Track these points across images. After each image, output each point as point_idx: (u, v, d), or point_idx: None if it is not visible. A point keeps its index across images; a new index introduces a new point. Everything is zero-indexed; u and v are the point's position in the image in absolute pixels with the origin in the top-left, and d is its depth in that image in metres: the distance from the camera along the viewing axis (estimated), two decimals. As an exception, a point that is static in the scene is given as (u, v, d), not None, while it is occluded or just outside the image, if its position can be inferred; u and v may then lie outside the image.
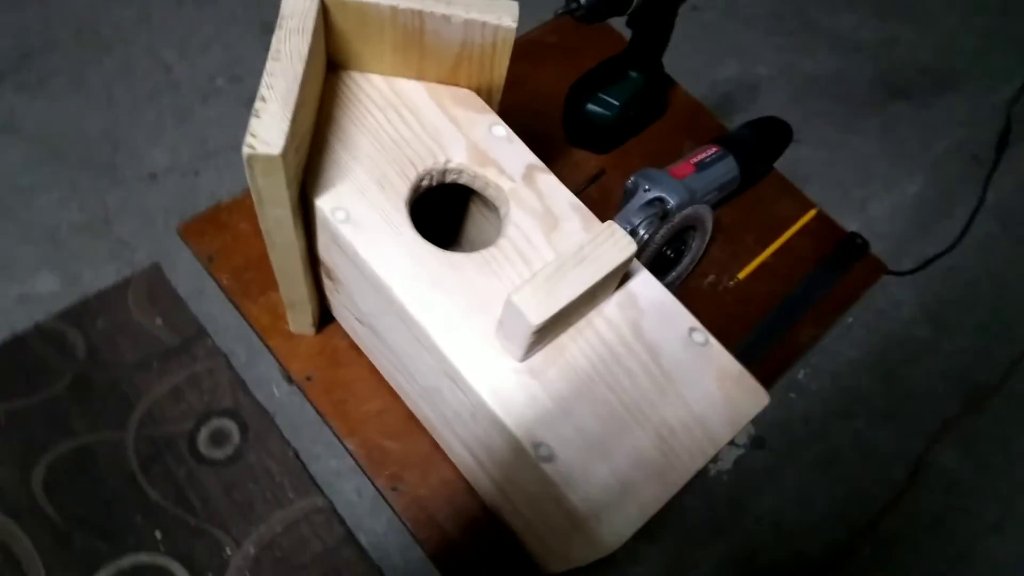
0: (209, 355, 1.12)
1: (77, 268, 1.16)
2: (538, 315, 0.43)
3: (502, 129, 0.55)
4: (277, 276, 0.58)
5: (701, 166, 0.75)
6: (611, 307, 0.50)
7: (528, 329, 0.43)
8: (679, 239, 0.72)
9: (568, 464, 0.45)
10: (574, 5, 0.61)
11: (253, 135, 0.43)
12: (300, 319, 0.66)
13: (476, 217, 0.64)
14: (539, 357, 0.48)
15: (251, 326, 0.70)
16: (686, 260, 0.74)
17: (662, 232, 0.67)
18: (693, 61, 1.58)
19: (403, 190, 0.51)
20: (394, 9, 0.50)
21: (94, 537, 0.99)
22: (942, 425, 1.24)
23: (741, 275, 0.77)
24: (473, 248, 0.51)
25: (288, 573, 1.00)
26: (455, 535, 0.62)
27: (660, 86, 0.83)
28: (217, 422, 1.08)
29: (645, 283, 0.51)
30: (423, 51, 0.53)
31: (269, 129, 0.43)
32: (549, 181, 0.54)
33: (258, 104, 0.44)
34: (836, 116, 1.58)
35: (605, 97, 0.78)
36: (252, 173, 0.44)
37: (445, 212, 0.65)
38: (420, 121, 0.54)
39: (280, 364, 0.69)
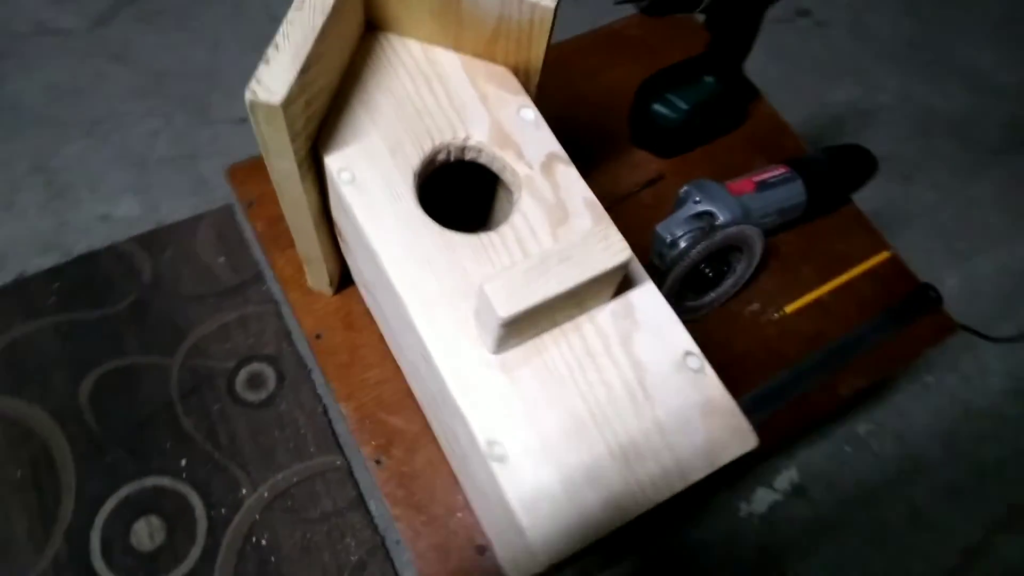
0: (262, 300, 1.15)
1: (158, 198, 1.22)
2: (507, 309, 0.40)
3: (531, 113, 0.52)
4: (291, 230, 0.58)
5: (763, 186, 0.70)
6: (604, 314, 0.47)
7: (496, 321, 0.41)
8: (721, 259, 0.67)
9: (519, 468, 0.43)
10: (638, -3, 0.57)
11: (258, 81, 0.43)
12: (316, 276, 0.65)
13: (502, 201, 0.62)
14: (515, 353, 0.45)
15: (276, 276, 0.71)
16: (728, 283, 0.69)
17: (699, 248, 0.62)
18: (807, 78, 1.49)
19: (415, 161, 0.50)
20: (431, -23, 0.48)
21: (125, 453, 1.04)
22: (1009, 511, 1.13)
23: (789, 308, 0.72)
24: (496, 234, 0.49)
25: (295, 523, 1.01)
26: (429, 520, 0.61)
27: (739, 96, 0.78)
28: (257, 366, 1.11)
29: (647, 296, 0.48)
30: (460, 20, 0.51)
31: (275, 78, 0.43)
32: (568, 173, 0.51)
33: (270, 51, 0.44)
34: (956, 159, 1.45)
35: (673, 99, 0.74)
36: (255, 120, 0.44)
37: (477, 194, 0.63)
38: (448, 93, 0.52)
39: (295, 318, 0.69)
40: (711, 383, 0.46)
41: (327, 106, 0.50)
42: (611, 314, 0.47)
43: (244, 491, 1.03)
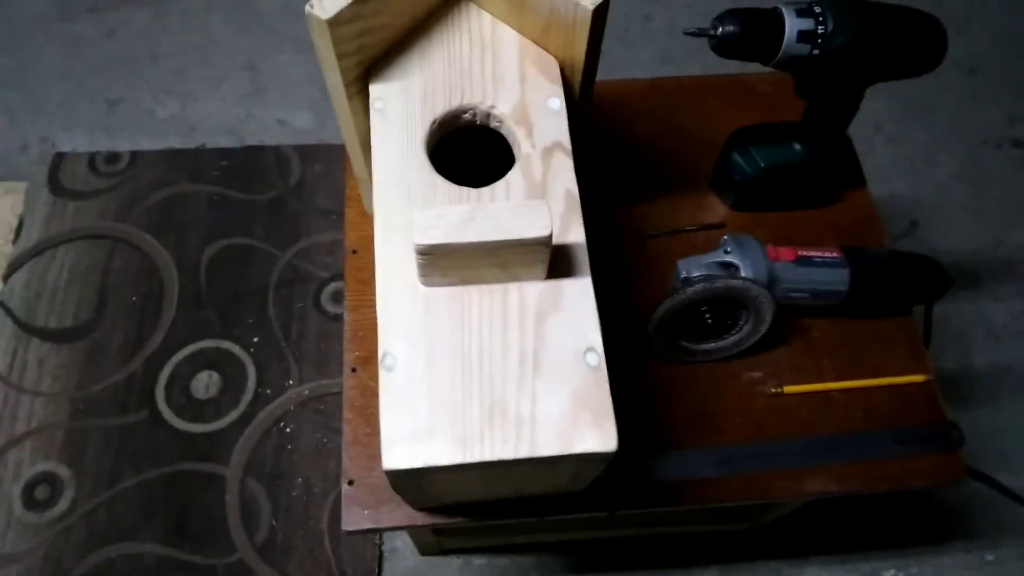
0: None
1: (328, 120, 1.38)
2: (423, 237, 0.45)
3: (558, 103, 0.57)
4: (347, 149, 0.67)
5: (804, 260, 0.69)
6: (533, 288, 0.50)
7: (415, 247, 0.46)
8: (727, 312, 0.67)
9: (397, 385, 0.48)
10: (710, 32, 0.59)
11: (320, -2, 0.51)
12: (367, 198, 0.74)
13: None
14: (441, 291, 0.50)
15: (347, 195, 0.80)
16: (731, 339, 0.69)
17: (695, 288, 0.63)
18: (994, 208, 1.36)
19: (440, 110, 0.56)
20: (501, -46, 0.54)
21: (216, 315, 1.19)
22: None
23: (789, 389, 0.70)
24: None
25: (319, 426, 1.12)
26: (372, 433, 0.67)
27: (830, 173, 0.77)
28: (342, 285, 1.22)
29: (580, 289, 0.51)
30: (524, 5, 0.56)
31: (332, -1, 0.51)
32: (564, 163, 0.55)
33: (340, -23, 0.52)
34: None
35: (755, 153, 0.74)
36: (311, 29, 0.52)
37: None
38: (495, 64, 0.58)
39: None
40: (599, 381, 0.48)
41: (388, 43, 0.58)
42: (539, 291, 0.50)
43: (291, 382, 1.15)
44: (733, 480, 0.67)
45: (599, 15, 0.52)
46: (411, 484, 0.54)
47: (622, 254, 0.76)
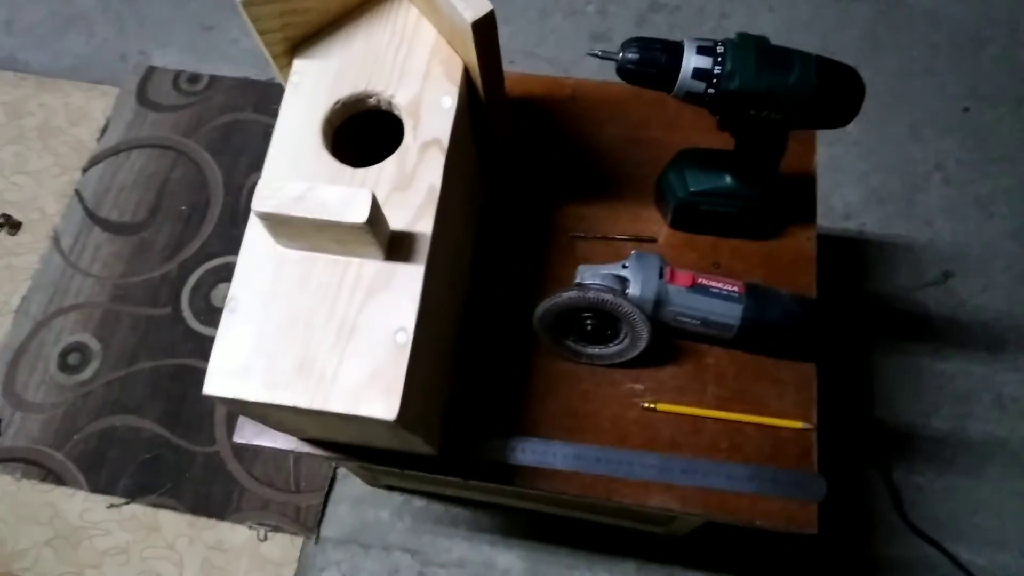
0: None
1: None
2: (258, 204, 0.52)
3: (449, 101, 0.62)
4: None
5: (699, 288, 0.71)
6: (372, 266, 0.57)
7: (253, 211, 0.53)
8: (607, 322, 0.70)
9: (232, 325, 0.56)
10: (613, 55, 0.62)
11: (241, -20, 0.58)
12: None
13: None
14: (294, 254, 0.57)
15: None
16: (612, 349, 0.72)
17: (566, 296, 0.67)
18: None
19: (345, 92, 0.62)
20: (411, -41, 0.59)
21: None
22: None
23: (661, 406, 0.73)
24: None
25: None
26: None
27: (764, 208, 0.77)
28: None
29: (411, 274, 0.56)
30: (438, 10, 0.61)
31: (251, -18, 0.58)
32: (436, 159, 0.60)
33: (264, -36, 0.59)
34: None
35: (686, 176, 0.76)
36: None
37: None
38: (407, 58, 0.64)
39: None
40: (400, 358, 0.54)
41: (318, 25, 0.64)
42: (376, 270, 0.57)
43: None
44: (583, 477, 0.71)
45: (480, 29, 0.57)
46: (244, 411, 0.62)
47: (546, 249, 0.80)
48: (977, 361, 1.22)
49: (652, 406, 0.73)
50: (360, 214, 0.51)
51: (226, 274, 1.29)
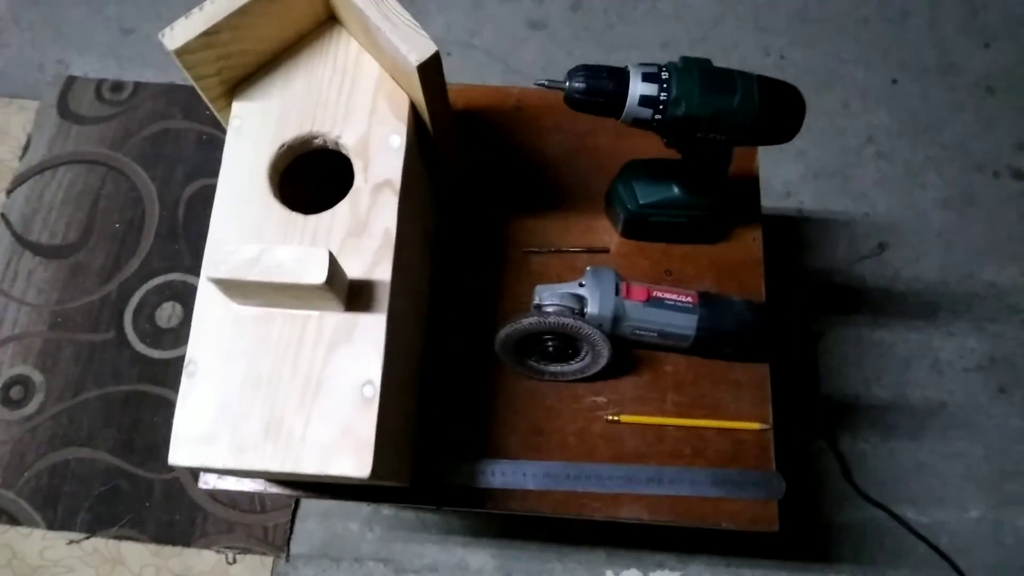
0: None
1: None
2: (211, 271, 0.51)
3: (398, 140, 0.61)
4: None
5: (655, 301, 0.72)
6: (333, 319, 0.56)
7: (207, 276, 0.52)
8: (569, 343, 0.71)
9: (193, 391, 0.55)
10: (560, 84, 0.62)
11: (171, 27, 0.56)
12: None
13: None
14: (251, 311, 0.56)
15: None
16: (574, 366, 0.74)
17: (530, 320, 0.67)
18: (977, 244, 1.32)
19: (289, 135, 0.61)
20: (349, 1, 0.57)
21: (188, 249, 1.28)
22: None
23: (624, 418, 0.75)
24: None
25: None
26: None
27: (712, 216, 0.78)
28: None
29: (373, 325, 0.56)
30: (376, 44, 0.60)
31: (182, 31, 0.56)
32: (389, 201, 0.59)
33: (195, 9, 0.56)
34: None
35: (635, 188, 0.76)
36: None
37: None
38: (350, 94, 0.62)
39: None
40: (368, 413, 0.54)
41: (254, 65, 0.62)
42: (337, 322, 0.56)
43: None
44: (553, 494, 0.73)
45: (426, 70, 0.56)
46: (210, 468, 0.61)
47: (501, 266, 0.80)
48: (914, 328, 1.28)
49: (616, 418, 0.75)
50: (319, 274, 0.51)
51: (169, 292, 1.26)
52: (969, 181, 1.38)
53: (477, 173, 0.84)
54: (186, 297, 1.25)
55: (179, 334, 1.23)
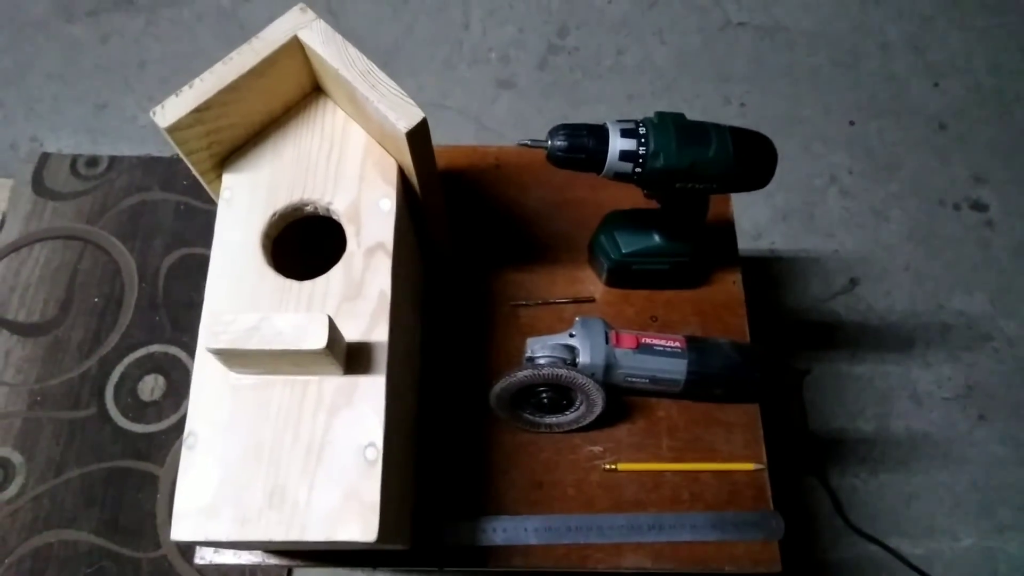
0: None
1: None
2: (210, 341, 0.51)
3: (388, 204, 0.62)
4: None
5: (645, 348, 0.73)
6: (332, 383, 0.56)
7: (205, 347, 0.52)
8: (562, 392, 0.72)
9: (194, 464, 0.54)
10: (542, 143, 0.64)
11: (162, 106, 0.57)
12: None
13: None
14: (250, 379, 0.56)
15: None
16: (569, 416, 0.74)
17: (524, 373, 0.68)
18: (944, 275, 1.37)
19: (280, 205, 0.62)
20: (337, 71, 0.59)
21: (168, 321, 1.27)
22: None
23: (622, 466, 0.75)
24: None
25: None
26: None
27: (693, 262, 0.80)
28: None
29: (373, 387, 0.56)
30: (364, 112, 0.62)
31: (173, 109, 0.57)
32: (383, 263, 0.60)
33: (185, 87, 0.58)
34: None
35: (617, 239, 0.78)
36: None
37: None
38: (339, 162, 0.64)
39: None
40: (372, 476, 0.54)
41: (243, 138, 0.64)
42: (337, 386, 0.56)
43: (229, 392, 1.22)
44: (556, 548, 0.72)
45: (415, 137, 0.57)
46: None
47: (490, 320, 0.81)
48: (891, 361, 1.31)
49: (613, 467, 0.75)
50: (318, 340, 0.51)
51: (151, 365, 1.24)
52: (931, 215, 1.43)
53: (462, 230, 0.85)
54: (168, 368, 1.24)
55: (162, 407, 1.21)
